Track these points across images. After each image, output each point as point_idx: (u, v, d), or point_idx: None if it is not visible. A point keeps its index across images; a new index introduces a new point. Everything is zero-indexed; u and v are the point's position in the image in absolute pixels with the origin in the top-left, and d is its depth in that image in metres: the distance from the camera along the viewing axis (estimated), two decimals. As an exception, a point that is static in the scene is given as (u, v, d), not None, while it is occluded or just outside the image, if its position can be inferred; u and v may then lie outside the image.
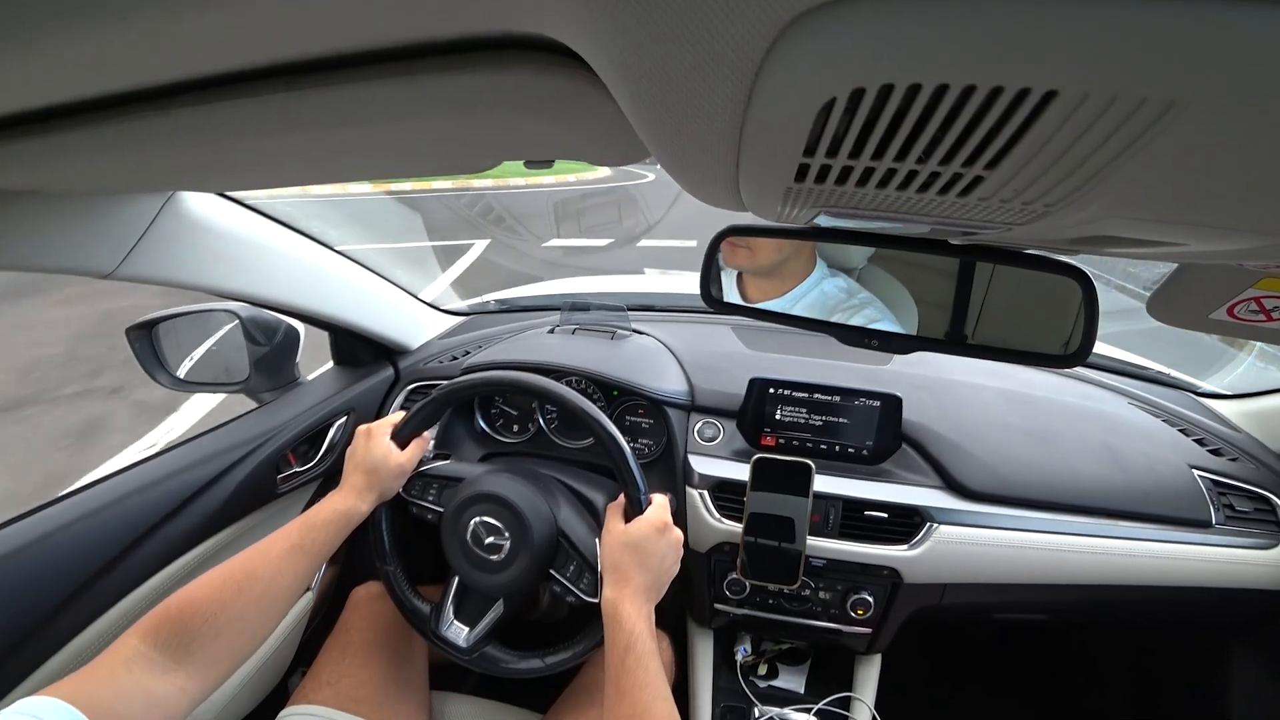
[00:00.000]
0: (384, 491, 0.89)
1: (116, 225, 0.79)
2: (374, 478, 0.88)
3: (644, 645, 0.73)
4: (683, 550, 0.85)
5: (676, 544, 0.83)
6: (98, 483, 0.93)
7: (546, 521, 0.91)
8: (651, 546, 0.80)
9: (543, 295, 1.82)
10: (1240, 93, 0.18)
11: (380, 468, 0.89)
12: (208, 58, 0.34)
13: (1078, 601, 1.09)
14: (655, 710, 0.69)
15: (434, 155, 0.53)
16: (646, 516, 0.83)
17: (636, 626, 0.74)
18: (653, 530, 0.81)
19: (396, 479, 0.91)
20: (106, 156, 0.48)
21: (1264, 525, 1.03)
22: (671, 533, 0.83)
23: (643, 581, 0.79)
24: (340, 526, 0.82)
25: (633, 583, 0.79)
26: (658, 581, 0.81)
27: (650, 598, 0.79)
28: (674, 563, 0.83)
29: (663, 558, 0.81)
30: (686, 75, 0.23)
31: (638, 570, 0.79)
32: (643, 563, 0.80)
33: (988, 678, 1.65)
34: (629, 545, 0.81)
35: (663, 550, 0.81)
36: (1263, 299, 0.50)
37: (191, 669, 0.63)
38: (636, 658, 0.72)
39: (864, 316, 0.83)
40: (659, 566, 0.80)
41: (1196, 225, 0.30)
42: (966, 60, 0.19)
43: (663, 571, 0.81)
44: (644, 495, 0.87)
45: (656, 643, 0.75)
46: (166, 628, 0.64)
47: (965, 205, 0.31)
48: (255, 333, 1.13)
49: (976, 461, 1.06)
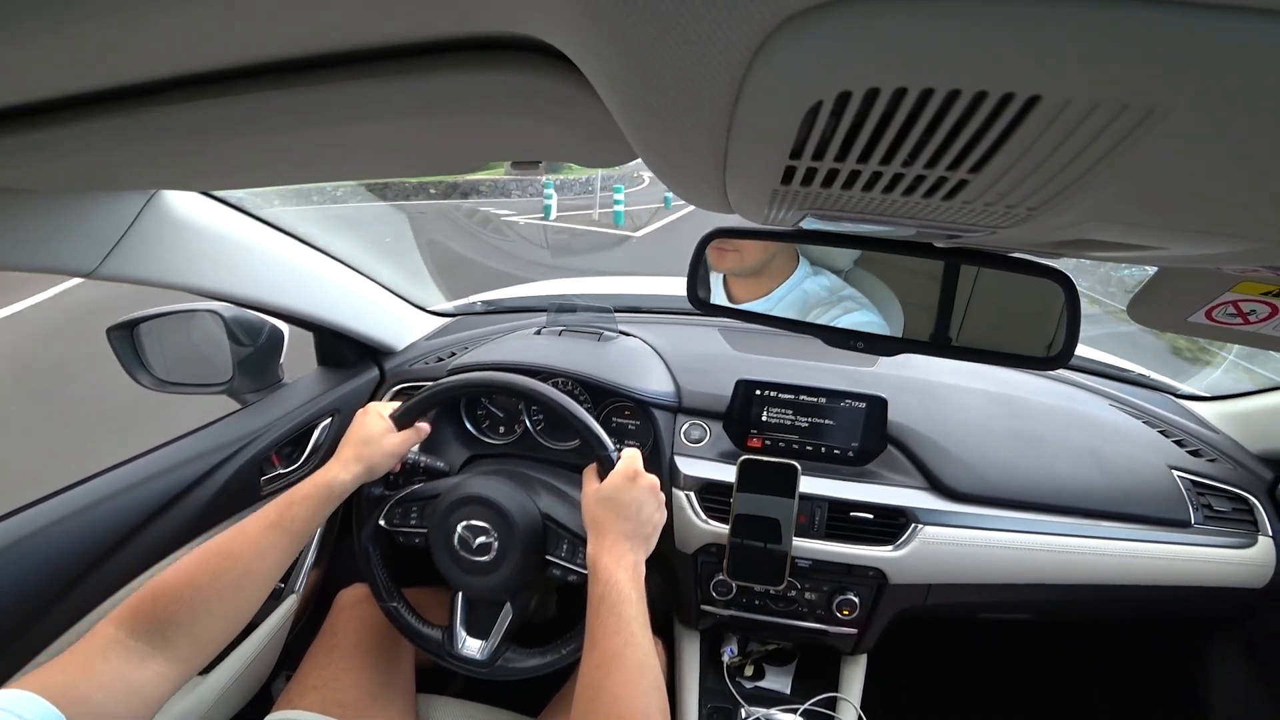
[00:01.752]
0: (372, 467, 0.87)
1: (98, 223, 0.78)
2: (364, 450, 0.86)
3: (618, 593, 0.72)
4: (661, 495, 0.84)
5: (651, 488, 0.82)
6: (78, 485, 0.91)
7: (528, 510, 0.92)
8: (625, 496, 0.80)
9: (529, 296, 1.82)
10: (1218, 100, 0.18)
11: (373, 441, 0.87)
12: (193, 54, 0.33)
13: (1061, 600, 1.10)
14: (625, 655, 0.68)
15: (420, 155, 0.53)
16: (616, 469, 0.83)
17: (613, 576, 0.74)
18: (623, 480, 0.81)
19: (387, 457, 0.89)
20: (88, 154, 0.48)
21: (1241, 525, 1.05)
22: (643, 479, 0.82)
23: (621, 530, 0.78)
24: (321, 499, 0.80)
25: (610, 534, 0.78)
26: (639, 530, 0.80)
27: (633, 546, 0.78)
28: (654, 508, 0.82)
29: (640, 505, 0.80)
30: (674, 78, 0.23)
31: (615, 520, 0.79)
32: (619, 513, 0.79)
33: (973, 677, 1.66)
34: (602, 499, 0.81)
35: (638, 497, 0.80)
36: (1239, 302, 0.51)
37: (170, 654, 0.62)
38: (610, 606, 0.71)
39: (847, 316, 0.84)
40: (637, 514, 0.80)
41: (1176, 229, 0.30)
42: (951, 65, 0.19)
43: (642, 519, 0.80)
44: (612, 451, 0.87)
45: (637, 591, 0.74)
46: (143, 614, 0.62)
47: (950, 208, 0.31)
48: (239, 333, 1.11)
49: (961, 463, 1.07)
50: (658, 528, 0.83)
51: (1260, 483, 1.09)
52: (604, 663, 0.67)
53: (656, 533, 0.83)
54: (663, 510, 0.84)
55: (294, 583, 1.15)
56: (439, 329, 1.51)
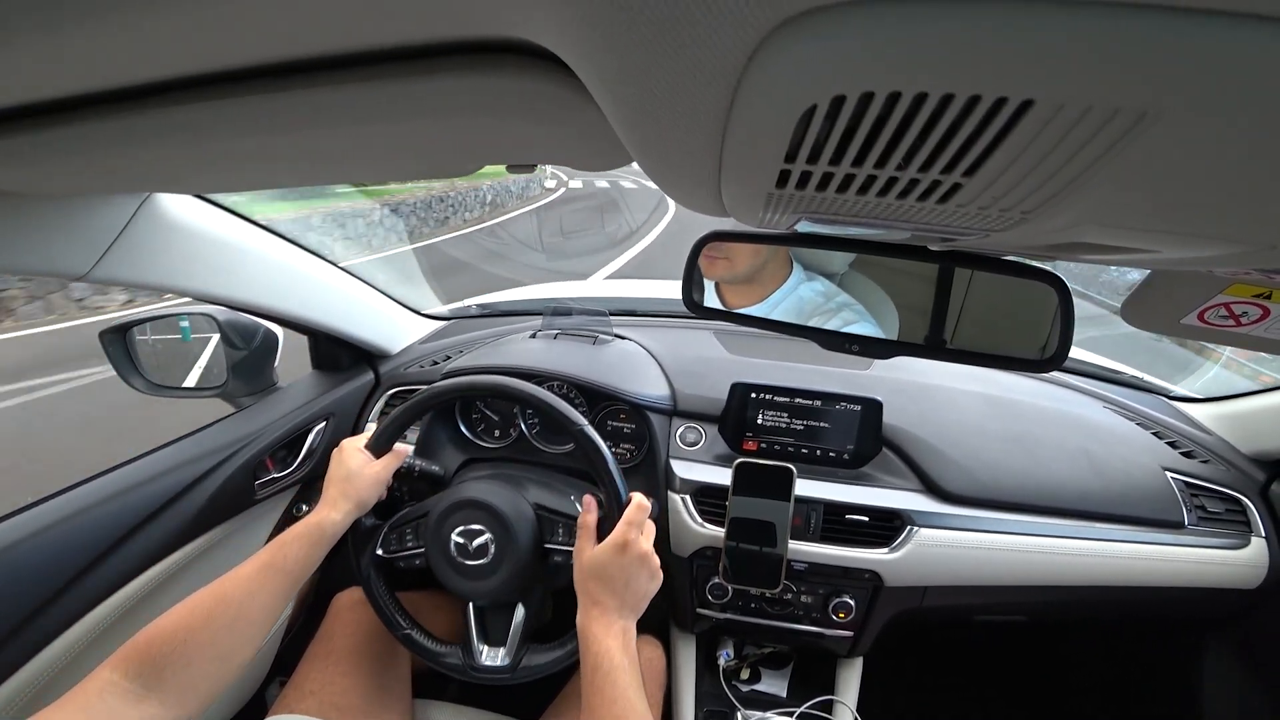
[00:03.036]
0: (360, 500, 0.88)
1: (91, 226, 0.78)
2: (348, 486, 0.87)
3: (611, 661, 0.72)
4: (654, 561, 0.83)
5: (640, 559, 0.80)
6: (72, 488, 0.91)
7: (518, 504, 0.92)
8: (613, 570, 0.79)
9: (524, 300, 1.82)
10: (1210, 104, 0.18)
11: (354, 475, 0.88)
12: (188, 57, 0.33)
13: (1056, 602, 1.11)
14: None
15: (416, 158, 0.53)
16: (608, 539, 0.81)
17: (603, 644, 0.74)
18: (613, 553, 0.80)
19: (373, 487, 0.90)
20: (82, 156, 0.47)
21: (1234, 526, 1.06)
22: (633, 550, 0.80)
23: (611, 604, 0.78)
24: (314, 539, 0.81)
25: (599, 605, 0.78)
26: (628, 601, 0.79)
27: (623, 614, 0.78)
28: (646, 579, 0.81)
29: (629, 578, 0.79)
30: (669, 82, 0.23)
31: (604, 593, 0.78)
32: (608, 586, 0.79)
33: (969, 679, 1.66)
34: (592, 572, 0.80)
35: (627, 570, 0.79)
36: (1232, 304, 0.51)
37: (164, 697, 0.62)
38: (604, 675, 0.72)
39: (842, 319, 0.84)
40: (625, 588, 0.79)
41: (1168, 233, 0.31)
42: (945, 69, 0.19)
43: (631, 591, 0.79)
44: (623, 499, 0.86)
45: (629, 657, 0.74)
46: (136, 657, 0.63)
47: (944, 212, 0.31)
48: (233, 337, 1.11)
49: (956, 465, 1.07)
50: (648, 596, 0.82)
51: (1253, 484, 1.10)
52: None
53: (647, 600, 0.82)
54: (656, 578, 0.82)
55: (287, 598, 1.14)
56: (434, 332, 1.51)
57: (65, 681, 0.86)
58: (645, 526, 0.83)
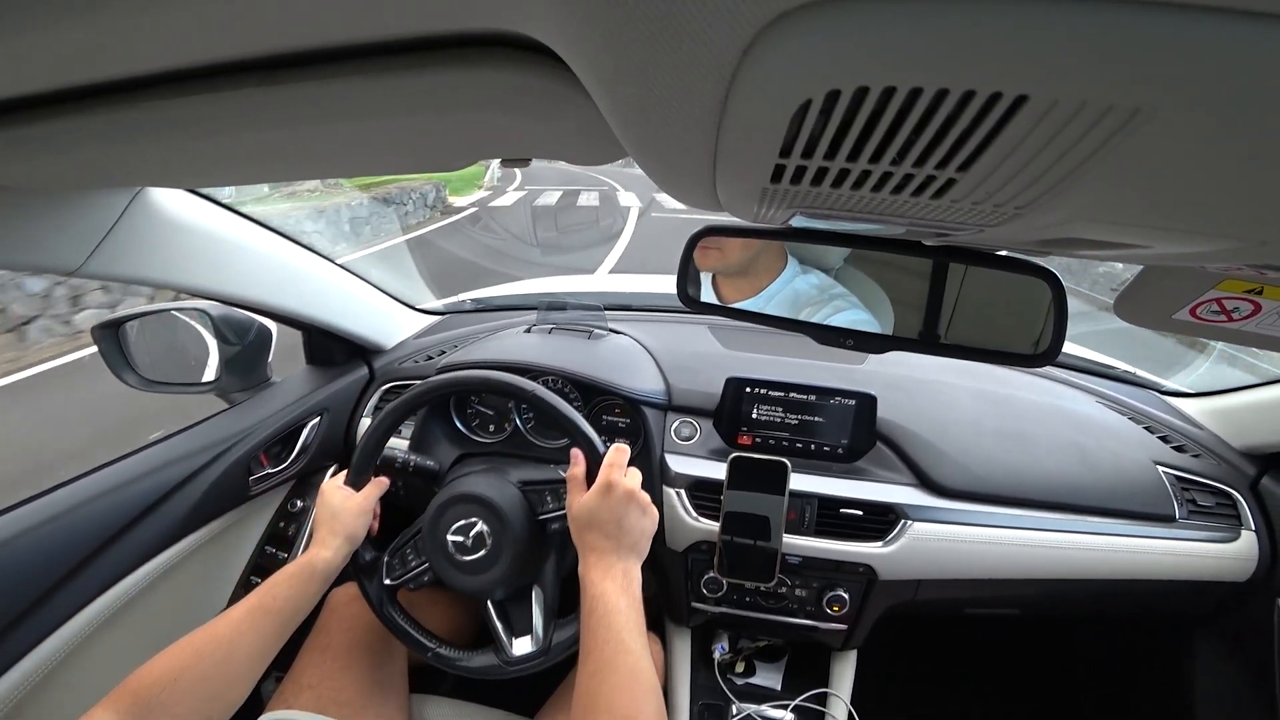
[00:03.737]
0: (349, 535, 0.88)
1: (81, 221, 0.77)
2: (335, 523, 0.88)
3: (605, 604, 0.73)
4: (643, 497, 0.83)
5: (627, 497, 0.81)
6: (65, 484, 0.90)
7: (503, 487, 0.92)
8: (602, 514, 0.80)
9: (519, 295, 1.81)
10: (1203, 101, 0.18)
11: (339, 512, 0.89)
12: (179, 51, 0.33)
13: (1048, 595, 1.11)
14: (617, 663, 0.69)
15: (410, 152, 0.52)
16: (593, 486, 0.82)
17: (600, 587, 0.75)
18: (598, 497, 0.81)
19: (358, 518, 0.90)
20: (72, 150, 0.47)
21: (1225, 519, 1.06)
22: (617, 489, 0.81)
23: (606, 547, 0.79)
24: (304, 578, 0.81)
25: (594, 550, 0.79)
26: (623, 541, 0.80)
27: (621, 556, 0.79)
28: (638, 515, 0.81)
29: (619, 518, 0.80)
30: (664, 77, 0.23)
31: (597, 538, 0.79)
32: (600, 530, 0.79)
33: (962, 672, 1.67)
34: (583, 520, 0.81)
35: (615, 510, 0.80)
36: (1224, 300, 0.52)
37: None
38: (599, 618, 0.72)
39: (837, 314, 0.84)
40: (617, 528, 0.80)
41: (1160, 228, 0.31)
42: (940, 64, 0.19)
43: (624, 530, 0.80)
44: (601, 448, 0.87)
45: (627, 598, 0.75)
46: (127, 698, 0.64)
47: (938, 207, 0.31)
48: (226, 332, 1.11)
49: (950, 459, 1.08)
50: (645, 533, 0.82)
51: (1243, 478, 1.11)
52: (598, 671, 0.69)
53: (645, 538, 0.82)
54: (649, 513, 0.83)
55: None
56: (428, 327, 1.50)
57: (61, 678, 0.85)
58: (630, 471, 0.85)
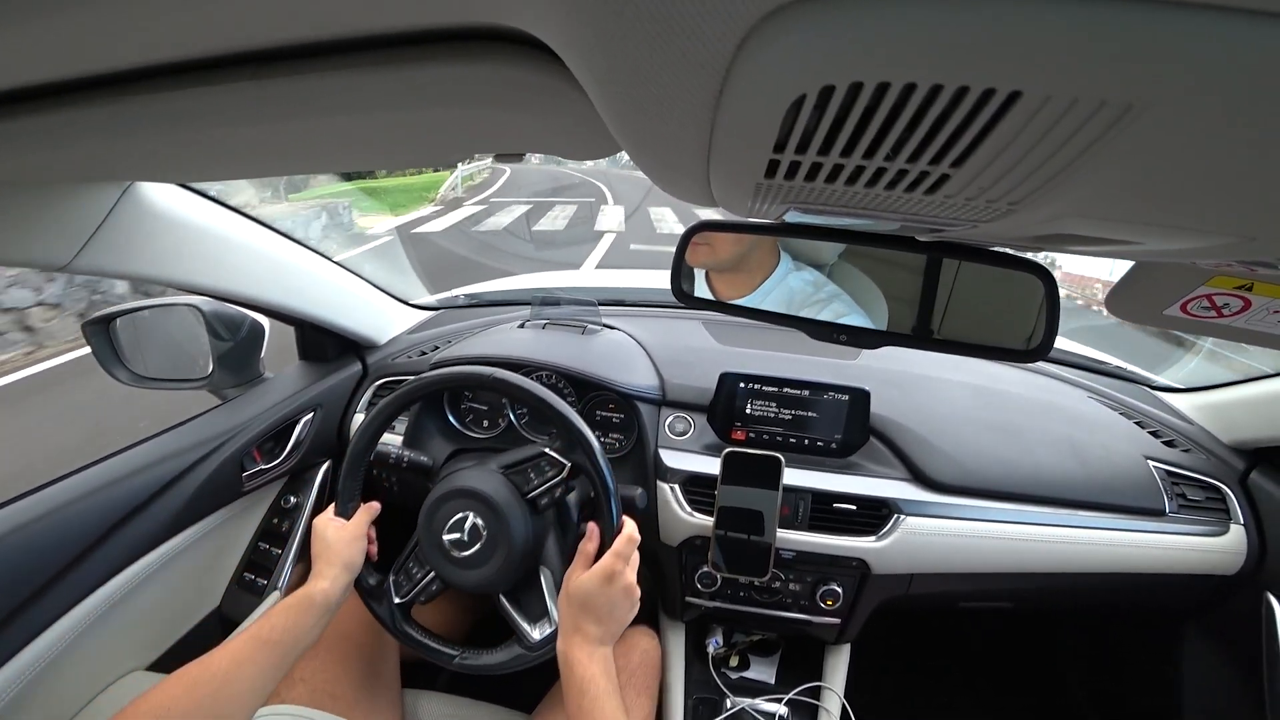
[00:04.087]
0: (346, 563, 0.87)
1: (72, 216, 0.77)
2: (330, 554, 0.87)
3: (597, 687, 0.75)
4: (636, 593, 0.85)
5: (627, 592, 0.83)
6: (57, 481, 0.90)
7: (484, 476, 0.92)
8: (599, 600, 0.81)
9: (513, 290, 1.81)
10: (1194, 98, 0.19)
11: (333, 542, 0.88)
12: (172, 44, 0.33)
13: (1040, 589, 1.12)
14: None
15: (403, 147, 0.52)
16: (596, 568, 0.83)
17: (588, 671, 0.76)
18: (600, 583, 0.81)
19: (352, 545, 0.89)
20: (62, 144, 0.47)
21: (1214, 513, 1.07)
22: (618, 581, 0.82)
23: (593, 632, 0.80)
24: (303, 609, 0.80)
25: (580, 634, 0.80)
26: (610, 629, 0.82)
27: (603, 642, 0.81)
28: (627, 610, 0.84)
29: (612, 608, 0.81)
30: (658, 71, 0.23)
31: (587, 622, 0.80)
32: (594, 615, 0.81)
33: (955, 665, 1.68)
34: (578, 600, 0.81)
35: (612, 600, 0.81)
36: (1214, 296, 0.52)
37: None
38: (591, 699, 0.74)
39: (831, 310, 0.84)
40: (608, 616, 0.81)
41: (1151, 225, 0.31)
42: (934, 60, 0.19)
43: (613, 619, 0.82)
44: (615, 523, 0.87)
45: (611, 682, 0.77)
46: None
47: (932, 203, 0.31)
48: (218, 327, 1.10)
49: (942, 454, 1.08)
50: (624, 625, 0.84)
51: (1232, 472, 1.12)
52: None
53: (623, 628, 0.84)
54: (634, 608, 0.85)
55: (277, 579, 1.14)
56: (421, 323, 1.50)
57: (54, 675, 0.85)
58: (632, 558, 0.85)
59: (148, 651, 1.01)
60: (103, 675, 0.94)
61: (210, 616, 1.11)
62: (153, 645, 1.02)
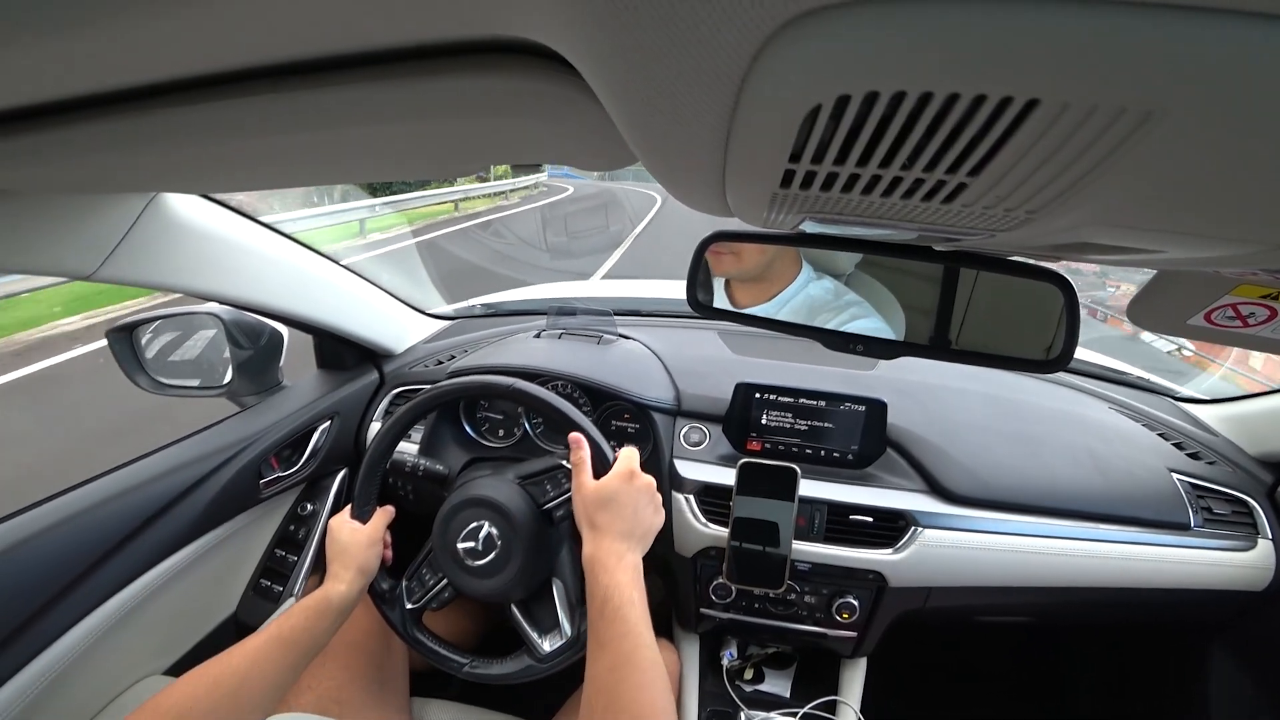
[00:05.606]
0: (361, 567, 0.87)
1: (97, 226, 0.78)
2: (345, 558, 0.87)
3: (622, 594, 0.72)
4: (659, 496, 0.83)
5: (647, 488, 0.81)
6: (76, 488, 0.91)
7: (501, 486, 0.92)
8: (623, 496, 0.79)
9: (529, 300, 1.82)
10: (1216, 104, 0.18)
11: (349, 546, 0.88)
12: (194, 58, 0.33)
13: (1061, 604, 1.10)
14: (636, 658, 0.68)
15: (420, 158, 0.53)
16: (614, 469, 0.82)
17: (615, 577, 0.73)
18: (620, 480, 0.80)
19: (368, 549, 0.90)
20: (88, 156, 0.48)
21: (1241, 528, 1.05)
22: (639, 479, 0.81)
23: (619, 530, 0.78)
24: (319, 611, 0.80)
25: (608, 535, 0.77)
26: (636, 529, 0.79)
27: (630, 546, 0.78)
28: (652, 510, 0.82)
29: (637, 506, 0.80)
30: (673, 82, 0.23)
31: (612, 520, 0.78)
32: (616, 513, 0.79)
33: (973, 681, 1.66)
34: (599, 499, 0.80)
35: (635, 497, 0.80)
36: (1239, 305, 0.51)
37: None
38: (615, 608, 0.71)
39: (850, 315, 0.84)
40: (634, 515, 0.79)
41: (1174, 233, 0.30)
42: (951, 69, 0.19)
43: (639, 520, 0.80)
44: (609, 450, 0.87)
45: (639, 591, 0.73)
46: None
47: (949, 212, 0.31)
48: (238, 336, 1.12)
49: (960, 466, 1.07)
50: (653, 529, 0.82)
51: (1260, 485, 1.09)
52: (616, 666, 0.68)
53: (652, 534, 0.82)
54: (660, 512, 0.83)
55: (293, 586, 1.15)
56: (438, 332, 1.51)
57: (72, 679, 0.86)
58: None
59: (164, 656, 1.02)
60: (120, 679, 0.95)
61: (226, 622, 1.12)
62: (169, 650, 1.03)
